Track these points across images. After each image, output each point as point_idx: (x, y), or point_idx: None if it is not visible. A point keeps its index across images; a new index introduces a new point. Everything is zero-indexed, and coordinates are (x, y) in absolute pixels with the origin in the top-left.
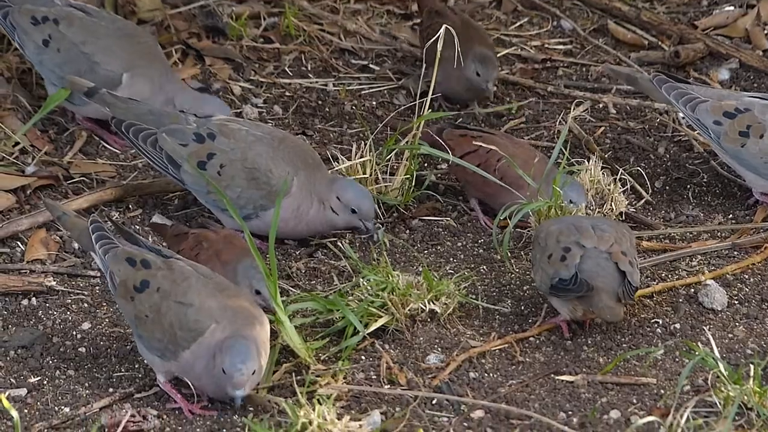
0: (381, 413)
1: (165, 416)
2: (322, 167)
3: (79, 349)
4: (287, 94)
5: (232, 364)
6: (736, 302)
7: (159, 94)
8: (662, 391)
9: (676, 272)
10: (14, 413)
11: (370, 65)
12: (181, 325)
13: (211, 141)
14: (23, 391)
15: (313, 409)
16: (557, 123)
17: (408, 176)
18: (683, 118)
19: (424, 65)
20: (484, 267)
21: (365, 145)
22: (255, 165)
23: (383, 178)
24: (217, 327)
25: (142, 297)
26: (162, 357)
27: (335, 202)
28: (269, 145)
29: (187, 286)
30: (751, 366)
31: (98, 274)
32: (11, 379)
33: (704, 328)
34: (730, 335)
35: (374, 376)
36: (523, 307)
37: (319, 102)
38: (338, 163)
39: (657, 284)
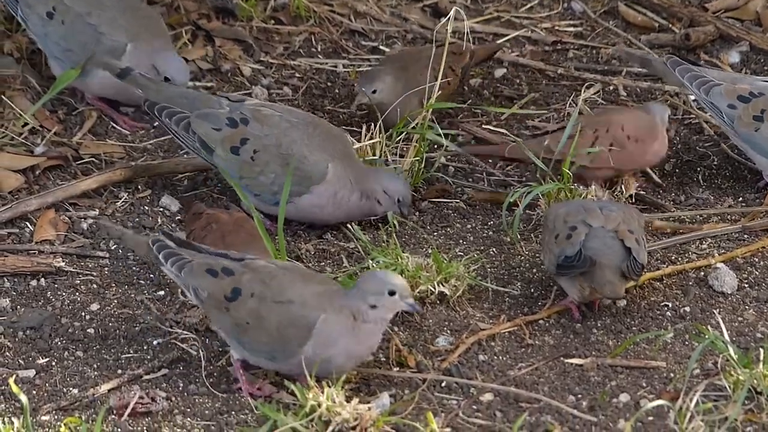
0: (390, 396)
1: (173, 398)
2: (355, 156)
3: (88, 330)
4: (297, 75)
5: (389, 282)
6: (746, 285)
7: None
8: (672, 375)
9: (686, 255)
10: (23, 396)
11: (380, 47)
12: (290, 324)
13: (244, 126)
14: (32, 372)
15: (322, 392)
16: (567, 105)
17: (417, 158)
18: (694, 100)
19: None
20: (494, 249)
21: (375, 126)
22: (290, 151)
23: (393, 160)
24: (325, 316)
25: (237, 305)
26: (272, 360)
27: (382, 195)
28: (304, 132)
29: (278, 285)
30: (761, 350)
31: (107, 255)
32: (20, 360)
33: (714, 311)
34: (739, 319)
35: (383, 359)
36: (532, 290)
37: (329, 83)
38: None
39: (667, 267)
